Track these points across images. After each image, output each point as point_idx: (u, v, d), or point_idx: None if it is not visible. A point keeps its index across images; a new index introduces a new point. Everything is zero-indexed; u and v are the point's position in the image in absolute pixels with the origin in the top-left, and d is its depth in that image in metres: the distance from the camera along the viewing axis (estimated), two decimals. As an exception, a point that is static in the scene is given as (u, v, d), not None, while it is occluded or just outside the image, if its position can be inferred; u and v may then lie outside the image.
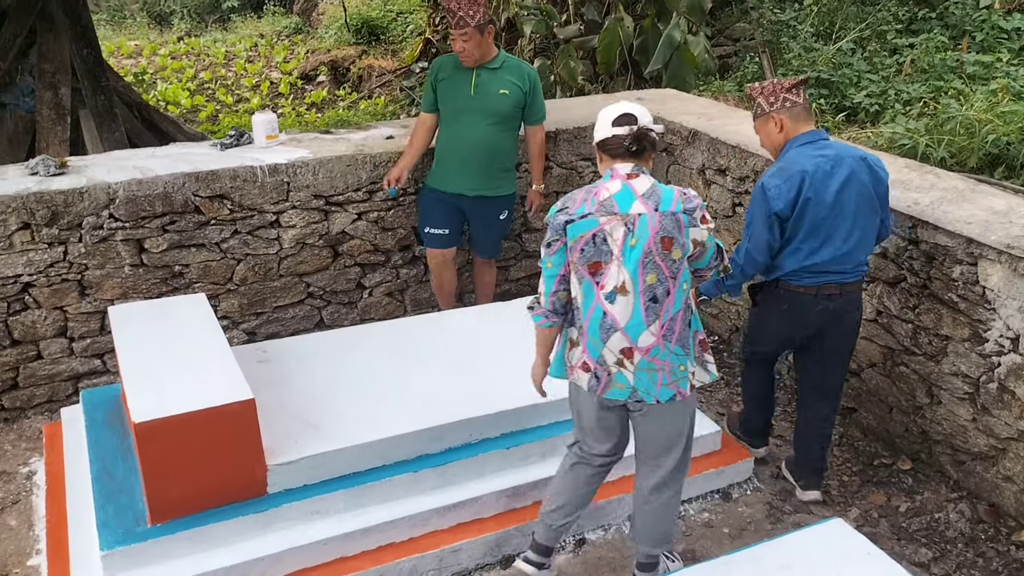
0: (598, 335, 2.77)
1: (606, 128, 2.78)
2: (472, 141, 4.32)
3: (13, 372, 4.15)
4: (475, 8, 4.10)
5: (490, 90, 4.26)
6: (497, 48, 4.36)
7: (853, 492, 3.79)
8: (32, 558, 3.36)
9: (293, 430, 3.24)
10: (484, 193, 4.42)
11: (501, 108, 4.29)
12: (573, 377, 2.90)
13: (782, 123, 3.40)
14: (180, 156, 4.44)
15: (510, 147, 4.45)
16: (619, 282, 2.70)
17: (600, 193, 2.72)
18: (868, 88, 6.60)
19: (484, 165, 4.37)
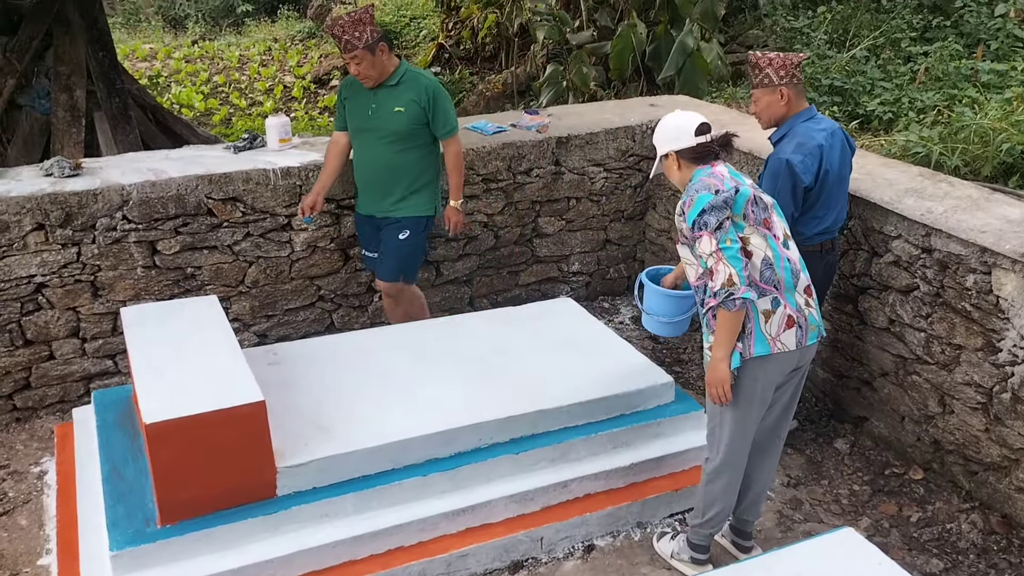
0: (791, 283, 2.94)
1: (689, 138, 2.99)
2: (371, 162, 4.20)
3: (26, 372, 4.18)
4: (360, 29, 3.95)
5: (386, 109, 4.10)
6: (399, 59, 4.20)
7: (864, 501, 3.77)
8: (42, 558, 3.37)
9: (303, 432, 3.25)
10: (388, 214, 4.25)
11: (397, 127, 4.10)
12: (777, 347, 2.91)
13: (789, 97, 3.58)
14: (193, 159, 4.46)
15: (414, 166, 4.19)
16: (783, 229, 3.01)
17: (723, 173, 2.95)
18: (882, 96, 6.57)
19: (386, 186, 4.20)
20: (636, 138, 5.22)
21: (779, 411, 3.16)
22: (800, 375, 3.10)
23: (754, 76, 3.66)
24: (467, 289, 5.10)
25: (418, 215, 4.26)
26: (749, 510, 3.32)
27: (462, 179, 4.34)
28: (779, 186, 3.50)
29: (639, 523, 3.57)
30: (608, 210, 5.33)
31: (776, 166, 3.52)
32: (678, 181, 3.06)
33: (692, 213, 2.85)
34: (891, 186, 4.00)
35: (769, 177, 3.56)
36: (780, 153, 3.54)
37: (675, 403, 3.77)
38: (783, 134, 3.62)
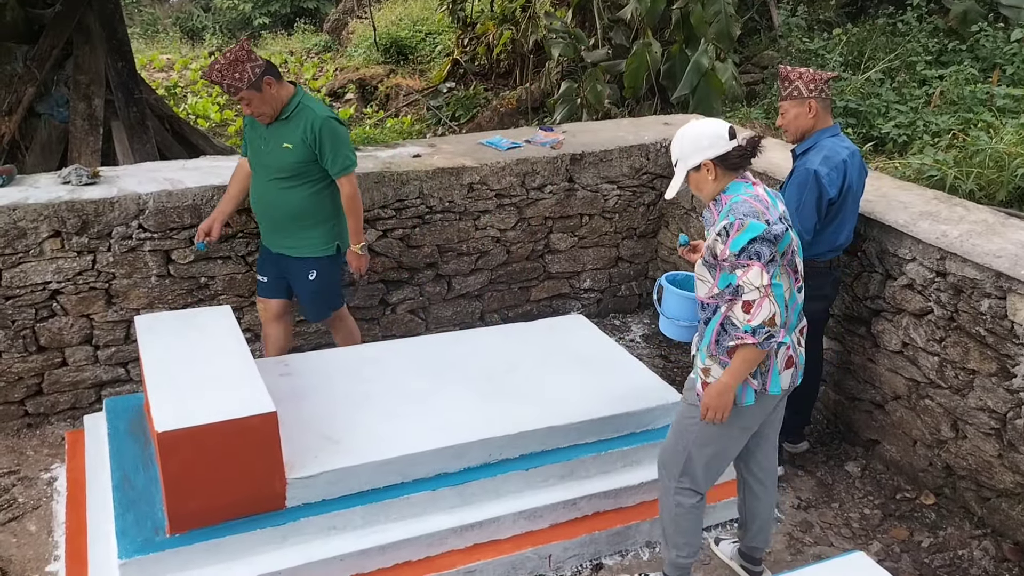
0: (795, 324, 2.95)
1: (725, 143, 2.86)
2: (259, 199, 3.99)
3: (38, 378, 4.20)
4: (239, 69, 3.69)
5: (275, 145, 3.86)
6: (293, 86, 3.91)
7: (875, 526, 3.74)
8: (50, 564, 3.37)
9: (313, 444, 3.25)
10: (285, 252, 4.03)
11: (284, 163, 3.84)
12: (771, 385, 2.90)
13: (817, 111, 3.64)
14: (210, 169, 4.49)
15: (304, 205, 3.92)
16: (801, 271, 2.99)
17: (766, 198, 2.86)
18: (896, 119, 6.57)
19: (275, 223, 3.99)
20: (650, 156, 5.23)
21: (772, 442, 3.17)
22: (783, 407, 3.13)
23: (783, 88, 3.70)
24: (478, 304, 5.11)
25: (319, 255, 4.02)
26: (758, 538, 3.29)
27: (360, 221, 4.03)
28: (805, 197, 3.57)
29: (648, 543, 3.55)
30: (621, 227, 5.34)
31: (804, 176, 3.58)
32: (710, 193, 2.91)
33: (741, 239, 2.73)
34: (906, 209, 3.99)
35: (796, 187, 3.61)
36: (807, 164, 3.60)
37: (686, 422, 3.75)
38: (808, 147, 3.68)
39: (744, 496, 3.26)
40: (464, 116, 10.51)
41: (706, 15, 7.60)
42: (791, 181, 3.68)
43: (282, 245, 4.03)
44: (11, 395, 4.16)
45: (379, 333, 4.87)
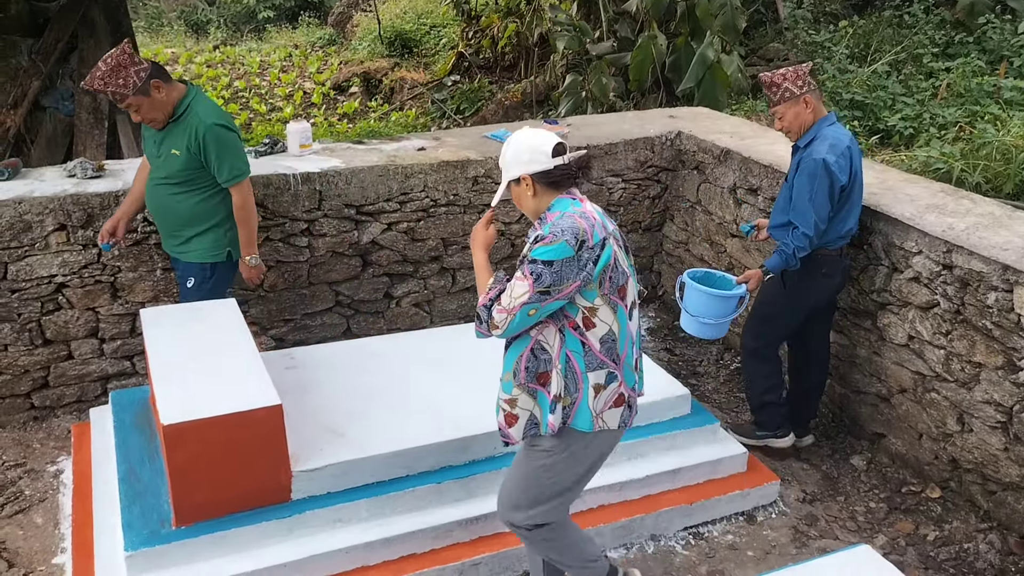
0: (631, 359, 2.69)
1: (546, 159, 2.57)
2: (151, 200, 3.82)
3: (44, 371, 4.21)
4: (123, 75, 3.48)
5: (166, 149, 3.68)
6: (185, 85, 3.71)
7: (880, 519, 3.73)
8: (57, 556, 3.39)
9: (318, 437, 3.25)
10: (172, 254, 3.92)
11: (172, 170, 3.68)
12: (598, 424, 2.64)
13: (814, 104, 3.69)
14: (215, 162, 4.48)
15: (194, 212, 3.75)
16: (634, 296, 2.69)
17: (594, 215, 2.59)
18: (903, 111, 6.55)
19: (166, 227, 3.86)
20: (655, 149, 5.21)
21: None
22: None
23: (773, 95, 3.72)
24: (483, 297, 5.10)
25: (201, 261, 3.84)
26: None
27: (252, 232, 3.85)
28: (816, 186, 3.59)
29: (652, 536, 3.55)
30: (626, 221, 5.32)
31: (813, 167, 3.60)
32: (531, 210, 2.64)
33: (540, 252, 2.46)
34: (912, 202, 3.98)
35: (807, 177, 3.62)
36: (815, 154, 3.62)
37: (691, 416, 3.75)
38: (811, 138, 3.70)
39: None
40: (469, 109, 10.50)
41: (712, 7, 7.57)
42: (800, 172, 3.67)
43: (173, 248, 3.88)
44: (17, 388, 4.17)
45: (384, 326, 4.87)
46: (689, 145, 5.21)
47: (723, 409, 4.49)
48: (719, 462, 3.71)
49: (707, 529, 3.61)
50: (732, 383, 4.72)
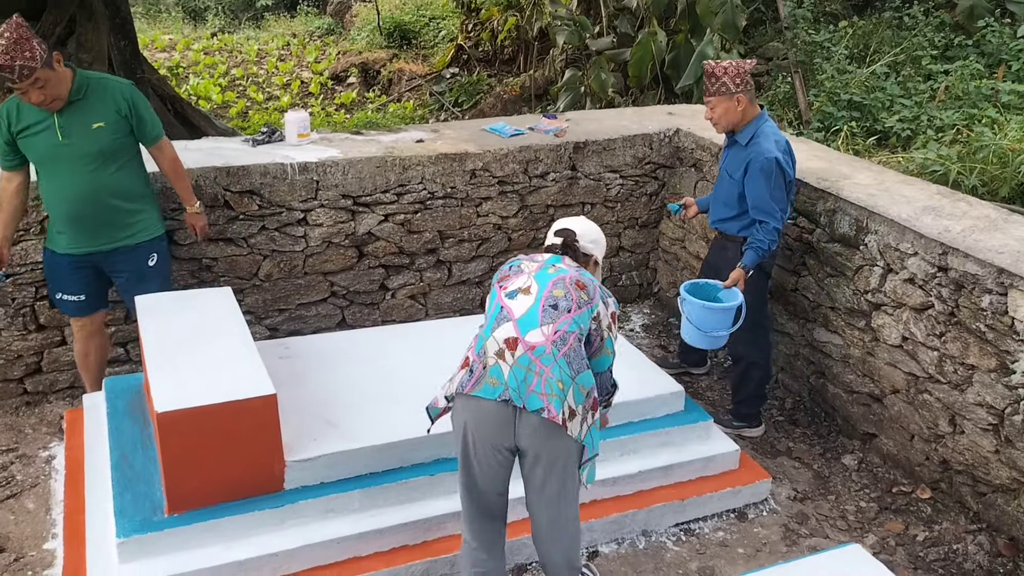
0: (489, 328, 2.74)
1: (550, 236, 3.02)
2: (75, 194, 3.53)
3: (37, 356, 4.20)
4: (27, 48, 3.24)
5: (80, 129, 3.47)
6: (71, 70, 3.49)
7: (870, 519, 3.75)
8: (48, 542, 3.38)
9: (312, 427, 3.25)
10: (120, 245, 3.68)
11: (100, 146, 3.50)
12: (449, 391, 2.76)
13: (745, 104, 3.86)
14: (212, 150, 4.47)
15: (131, 183, 3.66)
16: (524, 285, 2.78)
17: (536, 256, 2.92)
18: (901, 113, 6.55)
19: (104, 216, 3.60)
20: (653, 146, 5.22)
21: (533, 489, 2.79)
22: (536, 457, 2.70)
23: (710, 84, 3.88)
24: (478, 291, 5.11)
25: (157, 235, 3.77)
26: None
27: (188, 181, 3.88)
28: (773, 183, 3.80)
29: (644, 531, 3.56)
30: (623, 217, 5.33)
31: (767, 165, 3.79)
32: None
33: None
34: (909, 203, 3.99)
35: (762, 176, 3.79)
36: (766, 153, 3.80)
37: (684, 413, 3.76)
38: (751, 134, 3.89)
39: None
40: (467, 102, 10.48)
41: (712, 5, 7.55)
42: (754, 171, 3.81)
43: (113, 239, 3.66)
44: (10, 373, 4.16)
45: (379, 318, 4.87)
46: (687, 142, 5.21)
47: (715, 406, 4.50)
48: (711, 459, 3.72)
49: (698, 526, 3.62)
50: (725, 380, 4.73)
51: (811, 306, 4.42)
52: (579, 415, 2.67)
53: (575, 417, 2.65)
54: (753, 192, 3.83)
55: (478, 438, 2.73)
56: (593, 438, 2.74)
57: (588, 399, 2.70)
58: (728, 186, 3.99)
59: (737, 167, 3.91)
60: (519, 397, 2.62)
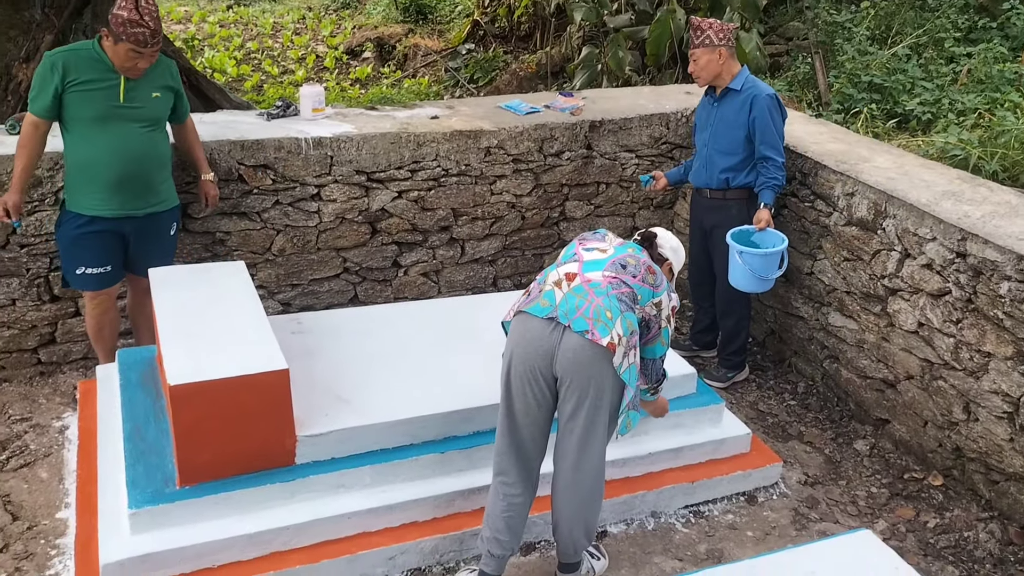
0: (555, 265, 2.95)
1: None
2: (129, 155, 3.62)
3: (51, 327, 4.22)
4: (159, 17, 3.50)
5: (141, 94, 3.64)
6: None
7: (881, 504, 3.74)
8: (61, 511, 3.41)
9: (323, 403, 3.26)
10: (155, 209, 3.77)
11: (155, 113, 3.71)
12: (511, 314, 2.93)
13: (726, 58, 4.12)
14: (227, 124, 4.46)
15: (166, 152, 3.83)
16: (602, 247, 2.97)
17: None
18: (921, 96, 6.47)
19: (146, 180, 3.71)
20: (670, 126, 5.17)
21: (562, 423, 2.87)
22: (570, 385, 2.78)
23: (696, 37, 4.15)
24: (491, 269, 5.09)
25: (176, 205, 3.91)
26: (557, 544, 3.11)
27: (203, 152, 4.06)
28: (776, 118, 4.09)
29: (653, 512, 3.56)
30: (638, 197, 5.29)
31: (769, 102, 4.08)
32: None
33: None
34: (928, 188, 3.94)
35: (767, 113, 4.06)
36: (763, 92, 4.10)
37: (696, 395, 3.75)
38: (743, 80, 4.15)
39: None
40: (482, 79, 10.41)
41: (732, -17, 7.47)
42: (759, 111, 4.07)
43: (148, 203, 3.74)
44: (25, 343, 4.18)
45: (391, 295, 4.86)
46: (704, 123, 5.16)
47: (728, 389, 4.48)
48: (722, 442, 3.71)
49: (708, 508, 3.62)
50: (738, 364, 4.71)
51: (826, 290, 4.39)
52: (623, 347, 2.74)
53: (619, 347, 2.73)
54: (761, 126, 4.07)
55: (517, 356, 2.83)
56: (631, 378, 2.80)
57: (632, 337, 2.79)
58: (731, 132, 4.18)
59: (737, 111, 4.14)
60: (565, 317, 2.75)
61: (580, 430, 2.83)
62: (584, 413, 2.80)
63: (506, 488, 2.95)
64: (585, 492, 2.95)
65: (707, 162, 4.30)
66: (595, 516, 3.04)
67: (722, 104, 4.23)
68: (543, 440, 2.95)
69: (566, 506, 2.98)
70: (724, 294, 4.38)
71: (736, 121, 4.15)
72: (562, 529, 3.02)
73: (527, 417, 2.87)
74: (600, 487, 3.00)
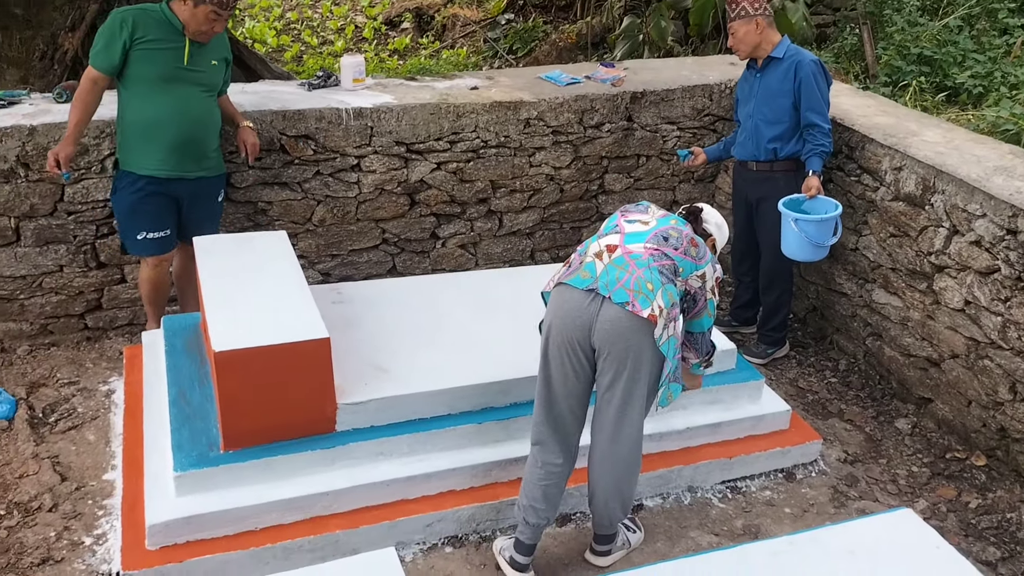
0: (597, 236, 2.94)
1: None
2: (189, 117, 3.71)
3: (97, 293, 4.30)
4: None
5: (203, 60, 3.74)
6: None
7: (922, 484, 3.70)
8: (108, 473, 3.49)
9: (363, 372, 3.29)
10: (206, 174, 3.86)
11: (214, 80, 3.82)
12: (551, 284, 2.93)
13: (763, 27, 4.10)
14: (268, 94, 4.48)
15: (218, 121, 3.91)
16: (645, 219, 2.93)
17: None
18: (973, 68, 6.29)
19: (202, 144, 3.80)
20: (713, 97, 5.09)
21: (600, 394, 2.88)
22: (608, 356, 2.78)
23: (731, 10, 4.15)
24: (529, 242, 5.08)
25: (223, 172, 4.01)
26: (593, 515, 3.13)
27: None
28: (821, 84, 4.06)
29: (690, 487, 3.56)
30: (678, 171, 5.23)
31: (813, 68, 4.06)
32: None
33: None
34: (979, 163, 3.85)
35: (811, 79, 4.03)
36: (805, 59, 4.07)
37: (736, 371, 3.72)
38: (786, 49, 4.12)
39: None
40: (522, 50, 10.32)
41: (779, -48, 7.29)
42: (805, 74, 4.03)
43: (200, 167, 3.83)
44: (72, 308, 4.27)
45: (429, 266, 4.88)
46: (748, 95, 5.07)
47: (768, 366, 4.44)
48: (761, 418, 3.69)
49: (745, 484, 3.61)
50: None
51: (871, 266, 4.32)
52: (663, 319, 2.73)
53: (660, 319, 2.72)
54: (807, 92, 4.04)
55: (555, 327, 2.84)
56: (670, 350, 2.78)
57: (673, 309, 2.77)
58: (776, 100, 4.13)
59: (782, 78, 4.11)
60: (606, 288, 2.74)
61: (617, 401, 2.84)
62: (622, 385, 2.81)
63: (544, 456, 2.96)
64: (622, 464, 2.96)
65: (753, 133, 4.24)
66: (631, 488, 3.04)
67: (765, 74, 4.18)
68: (581, 411, 2.96)
69: (602, 478, 2.99)
70: (768, 268, 4.33)
71: (781, 89, 4.11)
72: (598, 500, 3.03)
73: (565, 388, 2.87)
74: (637, 459, 3.00)
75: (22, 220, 4.03)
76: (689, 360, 3.07)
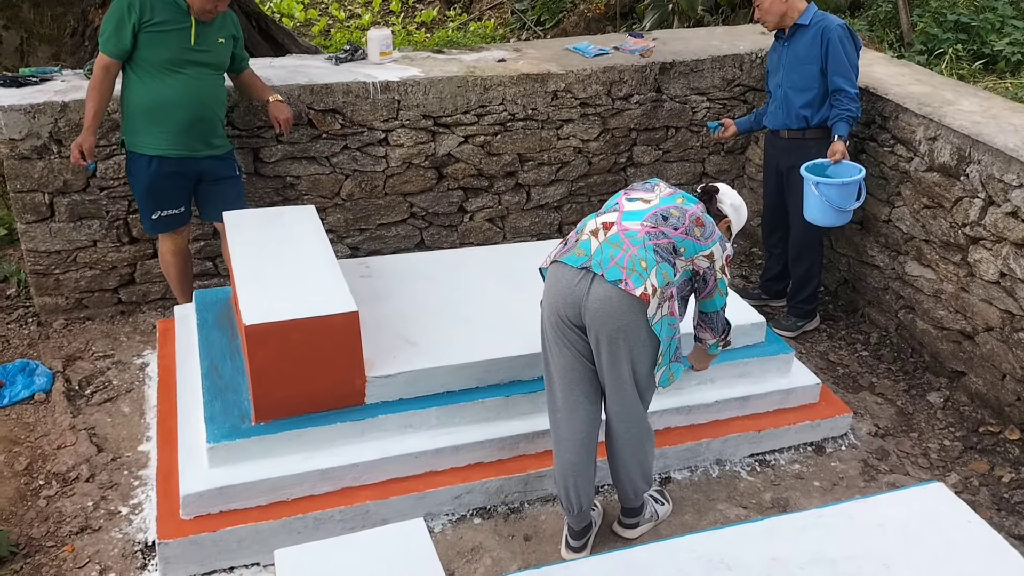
0: (595, 214, 2.89)
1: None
2: (201, 98, 3.74)
3: (131, 268, 4.36)
4: None
5: (210, 40, 3.74)
6: None
7: (954, 457, 3.66)
8: (143, 444, 3.56)
9: (392, 345, 3.31)
10: (214, 152, 3.87)
11: (221, 59, 3.82)
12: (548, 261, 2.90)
13: None
14: (296, 68, 4.49)
15: (225, 99, 3.95)
16: (647, 198, 2.88)
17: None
18: (1012, 35, 6.13)
19: (211, 123, 3.82)
20: (744, 67, 5.02)
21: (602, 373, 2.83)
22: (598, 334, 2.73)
23: None
24: (556, 215, 5.06)
25: (231, 149, 4.01)
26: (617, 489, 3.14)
27: None
28: (848, 48, 4.00)
29: (718, 460, 3.55)
30: (707, 142, 5.18)
31: (840, 32, 4.00)
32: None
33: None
34: (1017, 132, 3.76)
35: (838, 44, 3.97)
36: (837, 21, 4.04)
37: (765, 344, 3.70)
38: (811, 15, 4.07)
39: None
40: (549, 21, 10.22)
41: (812, -83, 7.13)
42: (832, 39, 3.97)
43: (208, 146, 3.85)
44: (106, 283, 4.34)
45: (456, 240, 4.88)
46: (779, 64, 4.99)
47: (798, 339, 4.41)
48: (790, 392, 3.67)
49: (774, 457, 3.60)
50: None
51: (904, 238, 4.25)
52: (657, 298, 2.69)
53: (653, 298, 2.68)
54: (834, 56, 3.98)
55: (548, 306, 2.84)
56: (663, 330, 2.74)
57: (667, 288, 2.72)
58: (805, 67, 4.09)
59: (809, 45, 4.06)
60: (599, 266, 2.70)
61: (615, 380, 2.82)
62: (619, 365, 2.77)
63: (563, 456, 2.96)
64: (632, 439, 2.95)
65: (783, 102, 4.19)
66: (649, 459, 3.05)
67: (792, 41, 4.13)
68: (583, 389, 2.89)
69: (618, 454, 3.01)
70: (798, 238, 4.29)
71: (809, 55, 4.06)
72: (619, 474, 3.04)
73: (562, 365, 2.85)
74: (647, 432, 2.99)
75: (56, 196, 4.09)
76: (706, 341, 3.03)
